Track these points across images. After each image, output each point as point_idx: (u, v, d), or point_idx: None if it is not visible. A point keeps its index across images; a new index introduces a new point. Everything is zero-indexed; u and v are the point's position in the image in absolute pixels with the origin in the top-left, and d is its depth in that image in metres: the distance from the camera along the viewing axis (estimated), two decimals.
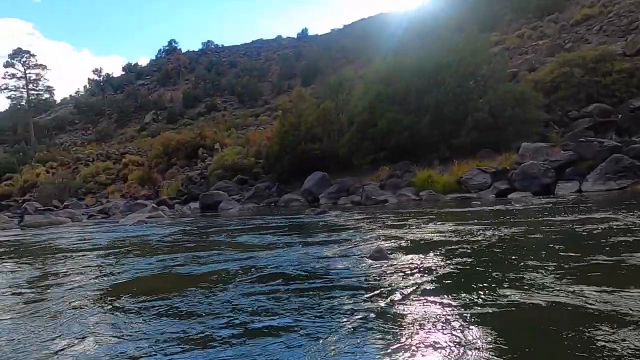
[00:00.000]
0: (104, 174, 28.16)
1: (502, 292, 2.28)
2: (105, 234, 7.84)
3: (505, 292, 2.27)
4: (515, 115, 13.26)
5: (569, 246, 3.43)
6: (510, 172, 10.80)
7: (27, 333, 2.12)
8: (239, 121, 39.01)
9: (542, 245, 3.64)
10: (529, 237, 4.06)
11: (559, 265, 2.81)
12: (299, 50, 60.83)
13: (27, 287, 3.33)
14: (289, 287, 2.64)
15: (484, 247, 3.65)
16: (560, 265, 2.81)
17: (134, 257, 4.51)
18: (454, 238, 4.18)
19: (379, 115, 15.64)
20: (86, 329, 2.13)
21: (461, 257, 3.25)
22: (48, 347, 1.91)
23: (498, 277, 2.59)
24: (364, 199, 12.06)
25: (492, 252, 3.43)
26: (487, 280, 2.52)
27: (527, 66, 18.51)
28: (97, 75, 64.95)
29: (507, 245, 3.71)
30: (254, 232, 6.10)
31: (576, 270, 2.65)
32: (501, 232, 4.35)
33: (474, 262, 3.03)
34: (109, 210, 16.74)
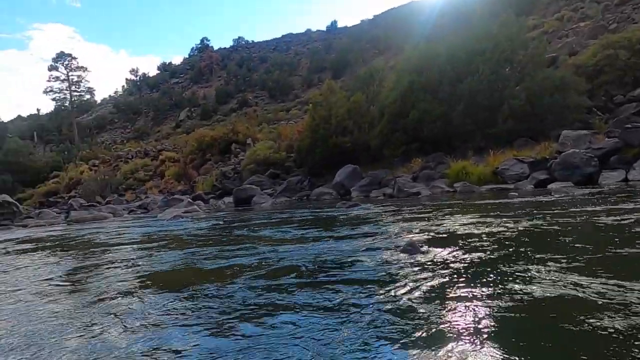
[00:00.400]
0: (142, 171, 29.19)
1: (536, 287, 2.20)
2: (143, 228, 8.15)
3: (541, 287, 2.19)
4: (555, 102, 12.69)
5: (612, 239, 3.26)
6: (549, 162, 10.37)
7: (66, 317, 2.26)
8: (271, 116, 39.37)
9: (582, 237, 3.48)
10: (568, 229, 3.89)
11: (601, 258, 2.68)
12: (329, 42, 60.53)
13: (70, 276, 3.53)
14: (316, 281, 2.66)
15: (520, 239, 3.53)
16: (604, 258, 2.68)
17: (169, 250, 4.67)
18: (489, 230, 4.06)
19: (411, 106, 15.36)
20: (120, 314, 2.23)
21: (496, 250, 3.16)
22: (85, 329, 2.02)
23: (534, 271, 2.50)
24: (396, 191, 11.91)
25: (528, 244, 3.32)
26: (522, 275, 2.44)
27: (567, 50, 17.64)
28: (134, 75, 67.26)
29: (545, 238, 3.57)
30: (285, 226, 6.16)
31: (620, 264, 2.52)
32: (539, 224, 4.19)
33: (509, 255, 2.94)
34: (148, 205, 17.37)
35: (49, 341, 1.99)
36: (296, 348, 1.69)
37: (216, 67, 65.73)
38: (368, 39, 52.21)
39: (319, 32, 73.25)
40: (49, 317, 2.40)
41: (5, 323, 2.35)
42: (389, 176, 13.91)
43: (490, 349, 1.56)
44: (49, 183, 31.38)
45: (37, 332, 2.14)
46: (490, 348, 1.56)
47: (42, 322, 2.30)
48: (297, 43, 70.10)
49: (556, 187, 9.14)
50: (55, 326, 2.22)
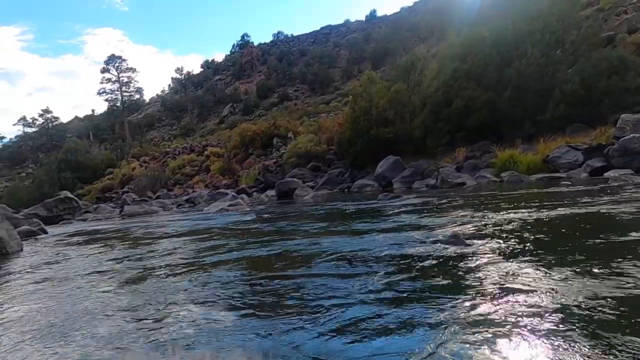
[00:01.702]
0: (189, 166, 30.28)
1: (581, 283, 2.09)
2: (191, 221, 8.48)
3: (587, 283, 2.07)
4: (613, 84, 11.85)
5: None
6: (606, 148, 9.72)
7: (123, 298, 2.41)
8: (311, 109, 39.53)
9: (635, 227, 3.25)
10: (624, 218, 3.64)
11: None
12: (368, 32, 59.74)
13: (125, 264, 3.75)
14: (355, 272, 2.66)
15: (571, 231, 3.35)
16: None
17: (215, 241, 4.84)
18: (538, 222, 3.89)
19: (455, 94, 14.89)
20: (169, 298, 2.34)
21: (542, 242, 3.02)
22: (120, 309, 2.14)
23: (582, 265, 2.37)
24: (440, 182, 11.64)
25: (579, 236, 3.14)
26: (568, 269, 2.32)
27: (626, 28, 16.40)
28: (179, 74, 69.71)
29: (595, 229, 3.36)
30: (326, 219, 6.20)
31: None
32: (592, 214, 3.96)
33: (557, 249, 2.80)
34: (195, 199, 18.03)
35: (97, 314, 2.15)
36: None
37: (257, 62, 66.72)
38: (408, 26, 50.98)
39: (357, 23, 72.40)
40: (99, 294, 2.59)
41: (63, 299, 2.58)
42: (431, 167, 13.61)
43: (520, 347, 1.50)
44: (104, 180, 33.28)
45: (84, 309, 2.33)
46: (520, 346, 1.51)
47: (89, 300, 2.49)
48: (336, 35, 69.71)
49: (614, 175, 8.56)
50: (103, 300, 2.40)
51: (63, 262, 4.47)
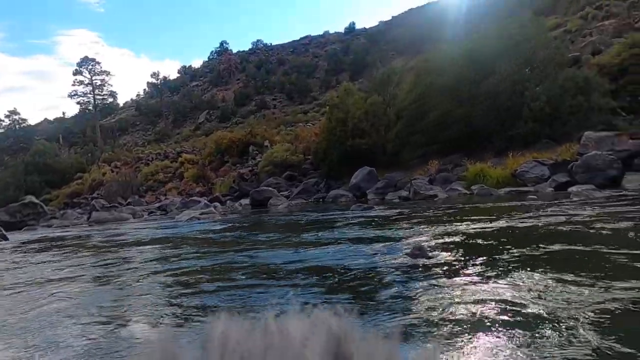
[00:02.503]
0: (162, 173, 29.70)
1: (533, 297, 2.14)
2: (161, 229, 8.29)
3: (541, 297, 2.13)
4: (578, 103, 12.36)
5: (630, 243, 3.15)
6: (571, 164, 10.09)
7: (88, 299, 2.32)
8: (289, 118, 39.56)
9: (598, 242, 3.37)
10: (585, 233, 3.77)
11: (618, 265, 2.59)
12: (347, 44, 60.47)
13: (85, 271, 3.61)
14: (312, 282, 2.65)
15: (534, 245, 3.44)
16: (620, 265, 2.59)
17: (173, 250, 4.74)
18: (502, 235, 3.98)
19: (430, 107, 15.20)
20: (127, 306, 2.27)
21: (505, 256, 3.09)
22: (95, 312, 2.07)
23: (533, 275, 2.43)
24: (412, 194, 11.79)
25: (540, 250, 3.23)
26: (524, 279, 2.37)
27: (591, 49, 17.18)
28: (155, 79, 68.67)
29: (558, 243, 3.47)
30: (297, 229, 6.18)
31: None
32: (555, 229, 4.08)
33: (518, 263, 2.87)
34: (167, 207, 17.66)
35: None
36: None
37: (235, 69, 66.47)
38: (386, 40, 52.03)
39: (336, 34, 73.14)
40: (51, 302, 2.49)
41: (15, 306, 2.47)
42: (405, 178, 13.78)
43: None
44: (73, 184, 32.23)
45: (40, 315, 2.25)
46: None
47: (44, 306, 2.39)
48: (315, 45, 70.26)
49: (577, 190, 8.87)
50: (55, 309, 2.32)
51: (13, 271, 4.28)
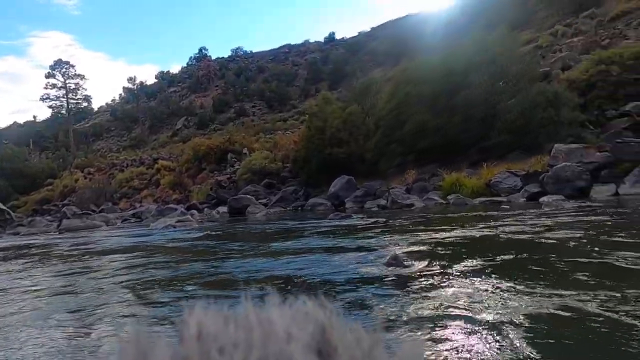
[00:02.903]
0: (137, 179, 29.08)
1: (508, 307, 2.20)
2: (133, 238, 8.10)
3: (514, 309, 2.19)
4: (548, 117, 12.79)
5: (596, 251, 3.27)
6: (542, 175, 10.41)
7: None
8: (268, 125, 39.47)
9: (567, 251, 3.49)
10: (554, 242, 3.89)
11: (587, 271, 2.68)
12: (327, 54, 61.05)
13: (49, 281, 3.49)
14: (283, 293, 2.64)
15: (505, 255, 3.53)
16: (588, 271, 2.68)
17: (148, 260, 4.64)
18: (475, 244, 4.07)
19: (407, 117, 15.44)
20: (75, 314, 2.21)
21: (477, 266, 3.16)
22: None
23: (509, 290, 2.49)
24: (390, 203, 11.91)
25: (512, 260, 3.32)
26: (493, 287, 2.43)
27: (560, 65, 17.84)
28: (132, 84, 67.47)
29: (529, 252, 3.57)
30: (275, 237, 6.15)
31: (592, 277, 2.52)
32: (527, 238, 4.20)
33: (489, 272, 2.94)
34: (142, 214, 17.28)
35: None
36: None
37: (214, 76, 66.05)
38: (365, 51, 52.74)
39: (316, 44, 73.77)
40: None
41: None
42: (383, 187, 13.92)
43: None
44: (43, 190, 31.19)
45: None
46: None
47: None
48: (295, 54, 70.63)
49: (547, 201, 9.16)
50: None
51: None
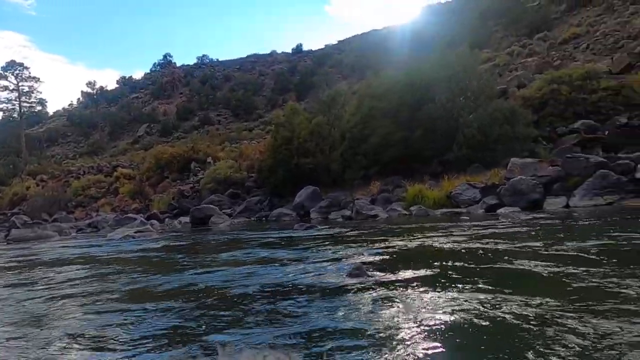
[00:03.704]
0: (94, 187, 27.93)
1: (465, 315, 2.26)
2: (88, 248, 7.74)
3: (470, 317, 2.25)
4: (505, 132, 13.38)
5: (543, 261, 3.43)
6: (499, 188, 10.84)
7: None
8: (233, 135, 39.04)
9: (522, 260, 3.64)
10: (512, 252, 4.05)
11: (532, 281, 2.80)
12: (294, 65, 61.37)
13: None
14: (249, 307, 2.61)
15: (463, 265, 3.64)
16: (533, 281, 2.80)
17: (105, 272, 4.44)
18: (436, 255, 4.17)
19: (372, 130, 15.72)
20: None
21: (437, 275, 3.23)
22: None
23: (466, 300, 2.57)
24: (355, 213, 12.03)
25: (467, 269, 3.42)
26: (448, 296, 2.50)
27: (516, 83, 18.75)
28: (91, 88, 65.10)
29: (487, 263, 3.69)
30: (238, 248, 6.05)
31: (546, 286, 2.65)
32: (485, 248, 4.35)
33: (448, 281, 3.02)
34: (98, 224, 16.56)
35: None
36: None
37: (178, 83, 64.83)
38: (332, 63, 53.48)
39: (284, 54, 73.99)
40: None
41: None
42: (348, 198, 14.04)
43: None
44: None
45: None
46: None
47: None
48: (262, 64, 70.47)
49: (504, 212, 9.55)
50: None
51: None
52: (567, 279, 2.84)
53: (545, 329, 1.95)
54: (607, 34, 21.07)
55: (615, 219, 6.48)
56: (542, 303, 2.32)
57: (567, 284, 2.71)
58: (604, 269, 3.01)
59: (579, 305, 2.27)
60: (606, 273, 2.88)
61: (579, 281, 2.76)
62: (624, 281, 2.65)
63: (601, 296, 2.41)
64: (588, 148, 12.26)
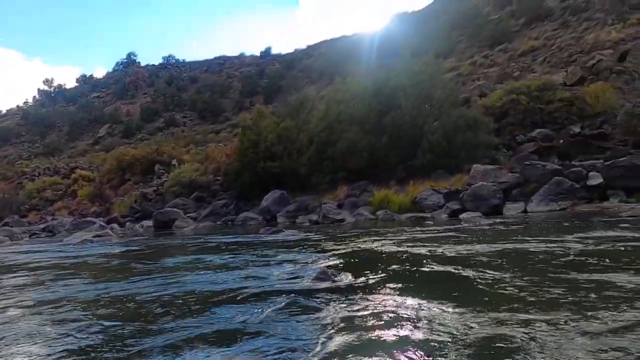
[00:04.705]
0: (50, 190, 26.66)
1: (426, 316, 2.30)
2: (42, 254, 7.34)
3: (429, 320, 2.29)
4: (468, 139, 13.81)
5: (501, 265, 3.55)
6: (461, 193, 11.16)
7: None
8: (199, 137, 38.30)
9: (483, 264, 3.74)
10: (474, 255, 4.17)
11: (496, 286, 2.88)
12: (262, 68, 61.05)
13: None
14: (215, 314, 2.55)
15: (426, 268, 3.71)
16: (498, 285, 2.88)
17: (60, 279, 4.23)
18: (401, 258, 4.22)
19: (339, 135, 15.82)
20: None
21: (401, 279, 3.28)
22: None
23: (430, 301, 2.62)
24: (322, 218, 12.05)
25: (430, 273, 3.49)
26: (411, 299, 2.54)
27: (478, 92, 19.42)
28: (48, 86, 62.28)
29: (448, 266, 3.78)
30: (201, 252, 5.92)
31: (503, 292, 2.73)
32: (447, 252, 4.45)
33: (412, 285, 3.07)
34: (54, 228, 15.80)
35: None
36: None
37: (142, 83, 63.09)
38: (301, 67, 53.56)
39: (252, 57, 73.43)
40: None
41: None
42: (315, 202, 14.04)
43: None
44: None
45: None
46: None
47: None
48: (230, 66, 69.71)
49: (466, 217, 9.83)
50: None
51: None
52: (480, 280, 2.94)
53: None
54: (562, 48, 22.20)
55: (566, 224, 6.79)
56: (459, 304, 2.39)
57: (476, 285, 2.81)
58: (526, 273, 3.14)
59: (468, 302, 2.35)
60: (532, 276, 3.00)
61: (484, 282, 2.87)
62: (524, 283, 2.78)
63: (500, 298, 2.52)
64: (545, 156, 12.83)
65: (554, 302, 2.42)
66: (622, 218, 6.85)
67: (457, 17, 35.39)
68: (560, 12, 29.11)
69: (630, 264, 3.30)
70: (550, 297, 2.55)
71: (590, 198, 9.60)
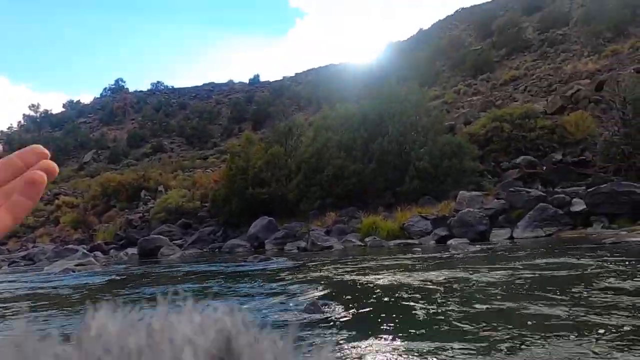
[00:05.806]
0: (32, 216, 26.05)
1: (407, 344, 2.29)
2: (20, 283, 7.12)
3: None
4: (453, 165, 14.03)
5: (490, 295, 3.56)
6: (448, 219, 11.23)
7: None
8: (187, 163, 38.17)
9: (473, 294, 3.75)
10: (464, 285, 4.18)
11: (480, 317, 2.89)
12: (251, 95, 61.70)
13: None
14: None
15: (415, 299, 3.70)
16: (479, 317, 2.89)
17: (12, 312, 4.10)
18: (391, 289, 4.21)
19: (327, 162, 15.94)
20: None
21: (390, 311, 3.26)
22: None
23: (420, 341, 2.61)
24: (310, 245, 11.97)
25: (414, 301, 3.48)
26: (401, 334, 2.53)
27: (463, 119, 19.88)
28: (34, 111, 61.88)
29: (443, 299, 3.78)
30: (186, 282, 5.81)
31: (493, 321, 2.74)
32: (437, 283, 4.45)
33: (401, 317, 3.05)
34: (35, 256, 15.38)
35: None
36: None
37: (130, 109, 63.07)
38: (289, 94, 54.32)
39: (241, 84, 74.34)
40: None
41: None
42: (303, 229, 13.97)
43: None
44: None
45: None
46: None
47: None
48: (219, 93, 70.36)
49: (454, 244, 9.83)
50: None
51: None
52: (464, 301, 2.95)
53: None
54: (542, 78, 23.00)
55: (555, 250, 6.86)
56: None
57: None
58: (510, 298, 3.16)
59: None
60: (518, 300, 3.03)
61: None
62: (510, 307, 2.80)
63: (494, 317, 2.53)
64: (529, 182, 13.07)
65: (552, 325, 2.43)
66: (605, 245, 6.96)
67: (440, 47, 36.55)
68: (538, 44, 30.35)
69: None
70: (547, 321, 2.56)
71: (574, 224, 9.74)
